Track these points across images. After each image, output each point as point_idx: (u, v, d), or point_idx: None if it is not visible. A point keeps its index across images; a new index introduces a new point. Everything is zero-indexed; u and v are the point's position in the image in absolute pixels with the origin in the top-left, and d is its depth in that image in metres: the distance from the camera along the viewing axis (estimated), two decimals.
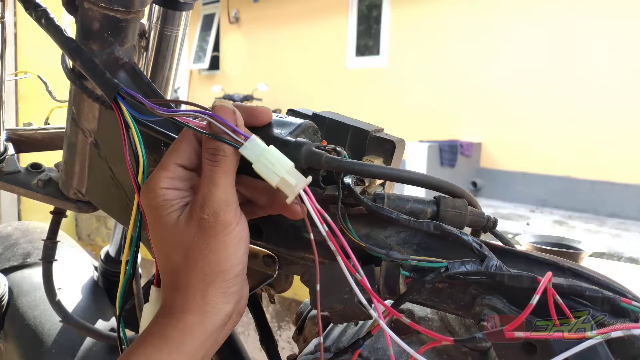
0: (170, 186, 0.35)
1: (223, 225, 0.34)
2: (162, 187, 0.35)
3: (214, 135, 0.34)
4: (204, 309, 0.34)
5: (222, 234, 0.34)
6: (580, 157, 4.90)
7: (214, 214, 0.34)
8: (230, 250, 0.34)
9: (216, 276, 0.34)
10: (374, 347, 0.49)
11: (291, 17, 7.30)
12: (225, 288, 0.34)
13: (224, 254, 0.34)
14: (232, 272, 0.34)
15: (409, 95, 6.06)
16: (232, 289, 0.35)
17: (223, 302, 0.34)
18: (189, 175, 0.36)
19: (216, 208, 0.34)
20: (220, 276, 0.34)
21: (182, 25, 0.65)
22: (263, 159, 0.34)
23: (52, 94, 0.91)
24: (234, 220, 0.34)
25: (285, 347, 1.64)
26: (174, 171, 0.35)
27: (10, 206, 2.30)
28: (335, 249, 0.32)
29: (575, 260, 0.87)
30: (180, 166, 0.35)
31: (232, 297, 0.35)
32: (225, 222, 0.34)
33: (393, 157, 0.45)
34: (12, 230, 1.09)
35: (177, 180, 0.35)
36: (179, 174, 0.35)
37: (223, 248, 0.34)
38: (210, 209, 0.33)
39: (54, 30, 0.45)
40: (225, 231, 0.34)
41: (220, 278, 0.34)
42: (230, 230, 0.34)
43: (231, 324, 0.36)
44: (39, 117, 0.91)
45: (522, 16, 5.19)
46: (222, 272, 0.34)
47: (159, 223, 0.35)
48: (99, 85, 0.41)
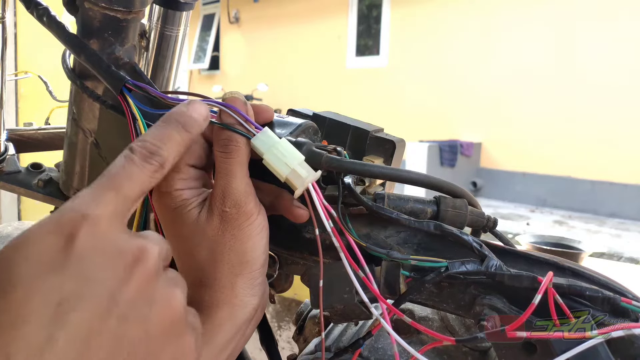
0: (185, 187, 0.35)
1: (246, 216, 0.34)
2: (178, 188, 0.35)
3: (227, 126, 0.34)
4: (233, 302, 0.34)
5: (245, 224, 0.34)
6: (580, 157, 4.90)
7: (235, 205, 0.34)
8: (254, 239, 0.34)
9: (243, 267, 0.34)
10: (374, 346, 0.49)
11: (291, 17, 7.31)
12: (252, 279, 0.34)
13: (249, 244, 0.34)
14: (257, 263, 0.35)
15: (409, 95, 6.06)
16: (258, 280, 0.35)
17: (250, 294, 0.34)
18: (200, 174, 0.37)
19: (237, 199, 0.34)
20: (247, 267, 0.34)
21: (183, 25, 0.65)
22: (274, 150, 0.34)
23: (53, 94, 0.91)
24: (255, 210, 0.34)
25: (285, 347, 1.64)
26: (186, 172, 0.35)
27: (10, 206, 2.30)
28: (340, 247, 0.32)
29: (575, 260, 0.87)
30: (191, 167, 0.36)
31: (258, 289, 0.35)
32: (247, 212, 0.34)
33: (393, 157, 0.45)
34: (12, 230, 1.09)
35: (191, 181, 0.36)
36: (192, 174, 0.36)
37: (248, 238, 0.34)
38: (231, 201, 0.34)
39: (57, 27, 0.45)
40: (248, 221, 0.34)
41: (248, 269, 0.34)
42: (253, 220, 0.34)
43: (257, 317, 0.36)
44: (39, 117, 0.91)
45: (522, 16, 5.19)
46: (249, 262, 0.34)
47: (178, 223, 0.35)
48: (104, 79, 0.41)
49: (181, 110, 0.32)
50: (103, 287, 0.23)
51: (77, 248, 0.23)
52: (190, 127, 0.31)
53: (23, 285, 0.22)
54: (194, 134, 0.32)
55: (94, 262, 0.24)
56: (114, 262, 0.24)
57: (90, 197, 0.25)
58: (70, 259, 0.23)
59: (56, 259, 0.23)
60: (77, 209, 0.25)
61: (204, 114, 0.32)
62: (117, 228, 0.26)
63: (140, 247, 0.25)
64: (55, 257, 0.23)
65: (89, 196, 0.25)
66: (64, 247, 0.23)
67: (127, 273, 0.24)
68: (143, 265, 0.25)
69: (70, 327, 0.22)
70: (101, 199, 0.25)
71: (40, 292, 0.22)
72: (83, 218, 0.24)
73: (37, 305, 0.22)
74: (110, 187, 0.26)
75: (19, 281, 0.22)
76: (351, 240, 0.33)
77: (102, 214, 0.25)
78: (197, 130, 0.32)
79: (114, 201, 0.26)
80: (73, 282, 0.23)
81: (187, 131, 0.31)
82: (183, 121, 0.31)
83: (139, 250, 0.25)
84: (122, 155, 0.28)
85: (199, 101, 0.33)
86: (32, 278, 0.22)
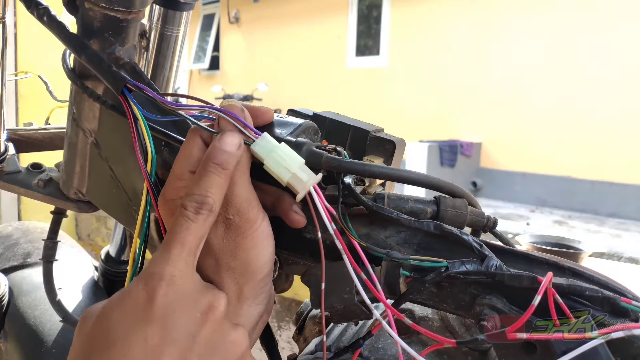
0: None
1: (249, 223, 0.34)
2: (182, 195, 0.34)
3: None
4: (239, 312, 0.34)
5: (249, 232, 0.34)
6: (580, 157, 4.90)
7: (238, 213, 0.34)
8: (259, 247, 0.34)
9: (248, 277, 0.34)
10: (374, 346, 0.49)
11: (291, 17, 7.31)
12: (257, 289, 0.34)
13: (254, 252, 0.34)
14: (262, 272, 0.35)
15: (409, 95, 6.07)
16: (262, 289, 0.35)
17: (255, 303, 0.35)
18: None
19: (239, 207, 0.34)
20: (252, 276, 0.34)
21: (183, 25, 0.65)
22: (275, 155, 0.34)
23: (53, 94, 0.91)
24: (259, 217, 0.34)
25: (285, 347, 1.64)
26: (190, 179, 0.35)
27: (10, 206, 2.30)
28: (343, 249, 0.32)
29: (575, 260, 0.87)
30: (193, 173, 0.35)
31: (264, 297, 0.35)
32: (251, 220, 0.34)
33: (393, 157, 0.45)
34: (12, 230, 1.09)
35: None
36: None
37: (252, 246, 0.34)
38: (233, 209, 0.34)
39: (57, 27, 0.45)
40: (252, 228, 0.34)
41: (253, 279, 0.34)
42: (257, 227, 0.34)
43: (262, 323, 0.36)
44: (39, 117, 0.91)
45: (522, 16, 5.19)
46: (254, 272, 0.34)
47: None
48: (105, 79, 0.41)
49: (215, 148, 0.33)
50: (185, 331, 0.29)
51: (159, 303, 0.29)
52: (227, 164, 0.33)
53: (122, 339, 0.28)
54: (231, 169, 0.33)
55: (175, 311, 0.29)
56: (191, 309, 0.30)
57: (163, 259, 0.30)
58: (155, 312, 0.28)
59: (144, 314, 0.28)
60: (154, 272, 0.30)
61: (236, 144, 0.34)
62: (190, 279, 0.31)
63: (213, 295, 0.31)
64: (143, 313, 0.28)
65: (162, 257, 0.30)
66: (149, 303, 0.29)
67: (203, 317, 0.30)
68: (216, 310, 0.31)
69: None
70: (171, 259, 0.30)
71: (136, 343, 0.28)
72: (160, 278, 0.29)
73: (135, 354, 0.27)
74: (175, 245, 0.31)
75: (119, 336, 0.28)
76: (353, 241, 0.33)
77: (175, 272, 0.30)
78: (234, 163, 0.33)
79: (182, 257, 0.31)
80: (160, 330, 0.28)
81: (226, 169, 0.33)
82: (219, 161, 0.33)
83: (212, 298, 0.31)
84: (178, 214, 0.32)
85: (230, 132, 0.34)
86: (128, 332, 0.28)
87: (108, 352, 0.27)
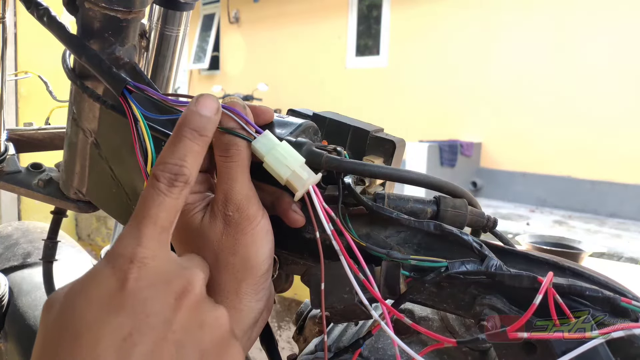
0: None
1: (248, 220, 0.34)
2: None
3: (228, 130, 0.34)
4: (238, 307, 0.34)
5: (248, 228, 0.34)
6: (580, 157, 4.90)
7: (237, 209, 0.33)
8: (258, 244, 0.34)
9: (248, 273, 0.34)
10: (374, 346, 0.49)
11: (291, 17, 7.31)
12: (256, 285, 0.34)
13: (253, 249, 0.34)
14: (262, 268, 0.34)
15: (409, 95, 6.06)
16: (262, 285, 0.35)
17: (255, 299, 0.34)
18: (204, 178, 0.37)
19: (239, 203, 0.33)
20: (252, 272, 0.34)
21: (183, 25, 0.65)
22: (275, 153, 0.34)
23: (53, 94, 0.91)
24: (259, 214, 0.34)
25: (285, 347, 1.64)
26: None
27: (10, 206, 2.30)
28: (340, 249, 0.32)
29: (575, 260, 0.87)
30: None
31: (263, 294, 0.35)
32: (250, 216, 0.34)
33: (393, 157, 0.45)
34: (12, 230, 1.09)
35: (195, 185, 0.35)
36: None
37: (252, 242, 0.34)
38: (233, 205, 0.33)
39: (57, 28, 0.45)
40: (251, 225, 0.34)
41: (252, 275, 0.34)
42: (256, 225, 0.34)
43: (262, 320, 0.36)
44: (39, 117, 0.91)
45: (522, 16, 5.19)
46: (253, 267, 0.34)
47: (182, 227, 0.35)
48: (105, 80, 0.41)
49: (191, 111, 0.31)
50: (159, 318, 0.26)
51: (130, 289, 0.26)
52: (204, 130, 0.31)
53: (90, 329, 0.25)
54: (210, 135, 0.31)
55: (147, 297, 0.26)
56: (165, 294, 0.27)
57: (133, 238, 0.27)
58: (126, 299, 0.26)
59: (114, 302, 0.26)
60: (123, 253, 0.27)
61: (214, 108, 0.32)
62: (163, 261, 0.28)
63: (187, 276, 0.28)
64: (113, 300, 0.26)
65: (131, 237, 0.28)
66: (119, 289, 0.26)
67: (178, 301, 0.27)
68: (191, 293, 0.28)
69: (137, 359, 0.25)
70: (142, 238, 0.27)
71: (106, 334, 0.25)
72: (130, 261, 0.27)
73: (105, 346, 0.24)
74: (147, 223, 0.28)
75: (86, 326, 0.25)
76: (351, 242, 0.33)
77: (146, 254, 0.27)
78: (212, 129, 0.31)
79: (154, 236, 0.28)
80: (132, 318, 0.25)
81: (203, 135, 0.31)
82: (196, 126, 0.30)
83: (186, 280, 0.28)
84: (149, 185, 0.29)
85: (206, 95, 0.32)
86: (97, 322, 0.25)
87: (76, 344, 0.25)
